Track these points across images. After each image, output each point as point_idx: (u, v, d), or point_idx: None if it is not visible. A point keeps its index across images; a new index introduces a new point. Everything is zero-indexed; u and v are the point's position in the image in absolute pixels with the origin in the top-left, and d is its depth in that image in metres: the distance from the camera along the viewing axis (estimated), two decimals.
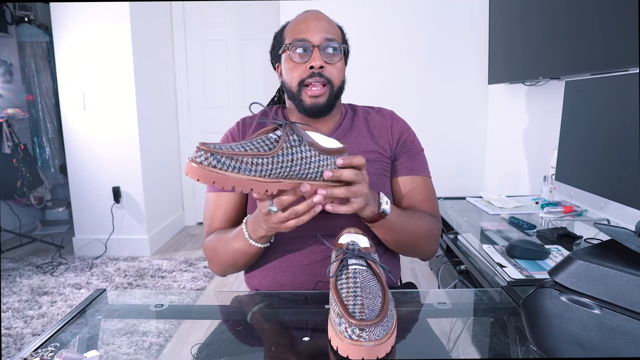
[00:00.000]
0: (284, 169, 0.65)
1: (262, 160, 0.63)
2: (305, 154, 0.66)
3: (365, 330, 0.53)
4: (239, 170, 0.61)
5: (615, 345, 0.50)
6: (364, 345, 0.53)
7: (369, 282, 0.62)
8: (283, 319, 0.77)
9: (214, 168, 0.60)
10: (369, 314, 0.56)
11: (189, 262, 2.81)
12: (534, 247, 1.10)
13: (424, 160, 1.02)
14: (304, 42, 0.91)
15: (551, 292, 0.55)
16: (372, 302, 0.58)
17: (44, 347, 0.63)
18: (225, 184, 0.60)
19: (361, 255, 0.66)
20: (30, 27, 3.41)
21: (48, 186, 3.56)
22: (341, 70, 0.95)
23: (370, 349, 0.53)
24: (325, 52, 0.91)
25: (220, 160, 0.60)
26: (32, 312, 2.15)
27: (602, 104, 1.29)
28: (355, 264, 0.65)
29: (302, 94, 0.92)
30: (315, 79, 0.91)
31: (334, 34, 0.94)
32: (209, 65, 3.52)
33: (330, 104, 0.94)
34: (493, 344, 0.66)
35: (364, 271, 0.64)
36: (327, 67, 0.91)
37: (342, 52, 0.95)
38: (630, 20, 1.17)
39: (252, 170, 0.62)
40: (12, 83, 3.42)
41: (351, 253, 0.66)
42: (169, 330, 0.73)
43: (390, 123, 1.00)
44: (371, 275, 0.64)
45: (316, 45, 0.91)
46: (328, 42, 0.91)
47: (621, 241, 0.53)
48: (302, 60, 0.92)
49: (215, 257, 0.92)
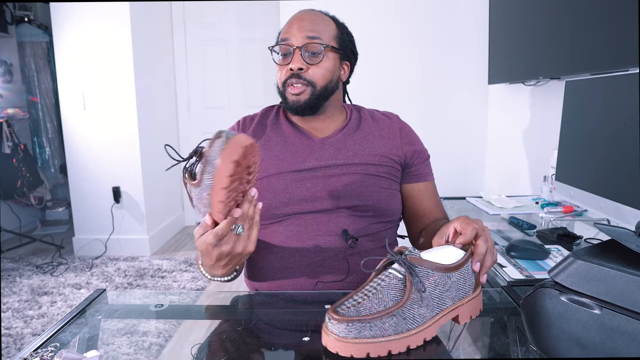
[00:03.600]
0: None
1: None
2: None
3: (331, 321, 0.55)
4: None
5: (615, 345, 0.50)
6: (327, 332, 0.56)
7: (390, 290, 0.58)
8: (283, 319, 0.77)
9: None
10: (350, 311, 0.55)
11: (189, 262, 2.81)
12: (534, 247, 1.10)
13: (430, 165, 1.04)
14: (284, 44, 0.92)
15: (551, 292, 0.55)
16: (371, 305, 0.57)
17: (44, 347, 0.63)
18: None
19: (406, 264, 0.60)
20: (30, 27, 3.41)
21: (48, 186, 3.56)
22: (327, 70, 0.93)
23: (332, 341, 0.55)
24: (306, 54, 0.91)
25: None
26: (32, 312, 2.14)
27: (602, 104, 1.29)
28: (394, 270, 0.60)
29: (286, 92, 0.94)
30: (295, 80, 0.91)
31: (321, 32, 0.93)
32: (209, 65, 3.52)
33: (313, 104, 0.93)
34: (493, 344, 0.66)
35: (395, 278, 0.60)
36: (309, 68, 0.91)
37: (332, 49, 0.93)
38: (630, 20, 1.17)
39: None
40: (12, 83, 3.42)
41: (398, 258, 0.61)
42: (169, 330, 0.73)
43: (398, 128, 1.01)
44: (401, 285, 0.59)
45: (297, 47, 0.91)
46: (310, 42, 0.91)
47: (621, 241, 0.53)
48: (284, 62, 0.93)
49: None
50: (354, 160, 0.94)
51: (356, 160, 0.94)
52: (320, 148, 0.95)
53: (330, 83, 0.95)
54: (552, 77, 1.74)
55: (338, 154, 0.94)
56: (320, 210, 0.90)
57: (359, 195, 0.91)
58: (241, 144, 0.58)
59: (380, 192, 0.93)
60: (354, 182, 0.92)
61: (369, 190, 0.92)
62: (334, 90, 0.97)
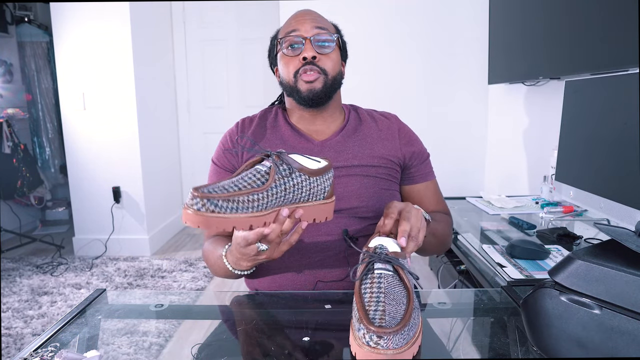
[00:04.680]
0: (278, 199, 0.65)
1: (257, 196, 0.63)
2: (296, 180, 0.68)
3: (384, 338, 0.52)
4: (237, 210, 0.61)
5: (615, 345, 0.50)
6: (381, 353, 0.52)
7: (394, 288, 0.60)
8: (283, 319, 0.77)
9: (212, 213, 0.59)
10: (389, 321, 0.54)
11: (189, 262, 2.81)
12: (534, 247, 1.10)
13: (431, 164, 1.04)
14: (295, 35, 0.92)
15: (551, 292, 0.55)
16: (395, 309, 0.56)
17: (44, 347, 0.63)
18: (226, 226, 0.60)
19: (388, 260, 0.64)
20: (30, 27, 3.41)
21: (48, 186, 3.56)
22: (335, 62, 0.94)
23: (389, 357, 0.52)
24: (317, 44, 0.91)
25: (217, 204, 0.60)
26: (32, 312, 2.15)
27: (602, 104, 1.29)
28: (381, 269, 0.63)
29: (298, 82, 0.92)
30: (309, 67, 0.91)
31: (326, 25, 0.95)
32: (209, 65, 3.52)
33: (327, 93, 0.93)
34: (493, 344, 0.66)
35: (390, 276, 0.62)
36: (320, 57, 0.91)
37: (337, 44, 0.95)
38: (630, 20, 1.17)
39: (249, 208, 0.62)
40: (12, 83, 3.42)
41: (378, 257, 0.64)
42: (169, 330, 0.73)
43: (397, 129, 1.01)
44: (397, 281, 0.61)
45: (307, 37, 0.91)
46: (319, 33, 0.92)
47: (621, 241, 0.53)
48: (295, 53, 0.92)
49: (210, 267, 0.92)
50: (354, 163, 0.94)
51: (356, 162, 0.94)
52: (320, 151, 0.95)
53: (338, 75, 0.96)
54: (552, 77, 1.74)
55: (338, 157, 0.94)
56: None
57: (358, 197, 0.92)
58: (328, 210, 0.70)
59: (380, 193, 0.93)
60: (354, 183, 0.92)
61: (369, 192, 0.93)
62: (340, 84, 0.97)
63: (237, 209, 0.61)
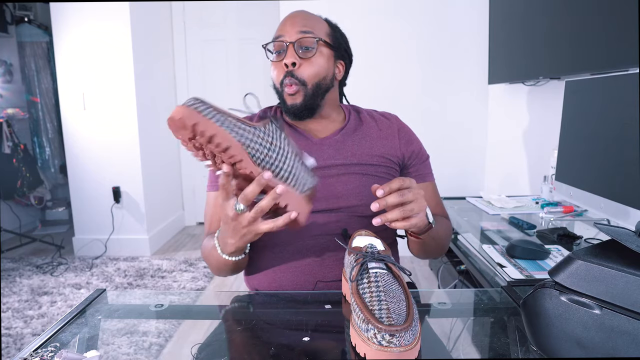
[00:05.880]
0: (261, 146, 0.67)
1: (243, 126, 0.66)
2: (282, 144, 0.70)
3: (396, 336, 0.52)
4: (222, 123, 0.64)
5: (615, 345, 0.50)
6: (394, 350, 0.52)
7: (391, 285, 0.61)
8: (283, 319, 0.77)
9: (199, 112, 0.62)
10: (396, 319, 0.54)
11: (189, 262, 2.81)
12: (534, 247, 1.10)
13: (430, 165, 1.03)
14: (278, 41, 0.92)
15: (551, 292, 0.55)
16: (397, 306, 0.57)
17: (44, 347, 0.63)
18: (206, 129, 0.62)
19: (381, 259, 0.64)
20: (30, 27, 3.41)
21: (48, 186, 3.56)
22: (319, 66, 0.93)
23: (401, 354, 0.52)
24: (300, 49, 0.91)
25: (208, 108, 0.63)
26: (32, 312, 2.15)
27: (602, 104, 1.29)
28: (375, 268, 0.63)
29: (284, 93, 0.93)
30: (289, 79, 0.91)
31: (313, 27, 0.93)
32: (209, 65, 3.52)
33: (307, 105, 0.93)
34: (493, 344, 0.66)
35: (385, 274, 0.62)
36: (301, 63, 0.91)
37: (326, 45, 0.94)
38: (630, 20, 1.17)
39: (233, 130, 0.64)
40: (12, 83, 3.42)
41: (371, 256, 0.64)
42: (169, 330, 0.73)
43: (397, 129, 1.00)
44: (392, 279, 0.62)
45: (290, 42, 0.91)
46: (303, 37, 0.91)
47: (621, 241, 0.53)
48: (279, 59, 0.93)
49: (208, 262, 0.92)
50: (353, 161, 0.94)
51: (355, 161, 0.94)
52: (319, 149, 0.95)
53: (323, 80, 0.94)
54: (552, 77, 1.74)
55: (337, 155, 0.94)
56: (319, 210, 0.90)
57: (357, 195, 0.92)
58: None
59: None
60: (353, 182, 0.92)
61: (368, 191, 0.92)
62: (328, 88, 0.96)
63: (223, 123, 0.64)
